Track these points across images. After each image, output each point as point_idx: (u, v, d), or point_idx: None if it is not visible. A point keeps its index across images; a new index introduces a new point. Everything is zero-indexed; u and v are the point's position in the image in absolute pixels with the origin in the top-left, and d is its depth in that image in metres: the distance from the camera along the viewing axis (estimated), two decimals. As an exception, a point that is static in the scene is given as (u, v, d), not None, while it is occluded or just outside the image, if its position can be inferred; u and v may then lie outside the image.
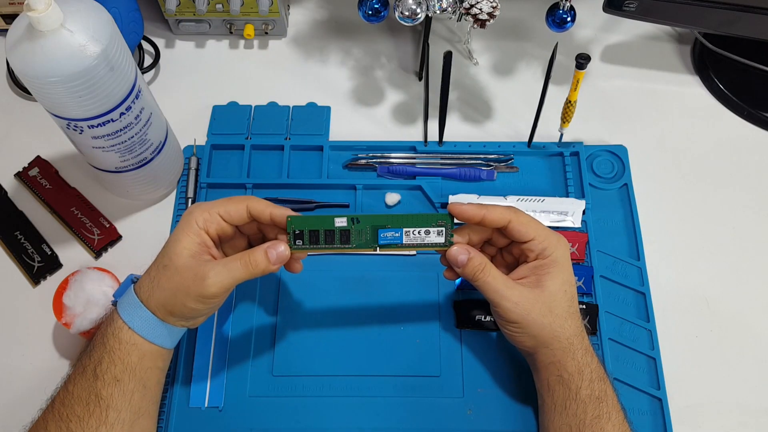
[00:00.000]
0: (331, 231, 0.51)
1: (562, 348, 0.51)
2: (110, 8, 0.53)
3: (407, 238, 0.51)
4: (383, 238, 0.51)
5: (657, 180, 0.68)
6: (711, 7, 0.65)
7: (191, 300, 0.48)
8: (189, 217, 0.50)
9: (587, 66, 0.57)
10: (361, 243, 0.51)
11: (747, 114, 0.72)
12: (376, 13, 0.62)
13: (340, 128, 0.72)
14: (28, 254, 0.65)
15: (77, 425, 0.47)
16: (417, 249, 0.51)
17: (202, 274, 0.48)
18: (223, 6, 0.73)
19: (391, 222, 0.51)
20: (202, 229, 0.50)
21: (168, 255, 0.49)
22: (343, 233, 0.51)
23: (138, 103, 0.56)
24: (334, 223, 0.50)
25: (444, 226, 0.51)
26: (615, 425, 0.49)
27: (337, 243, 0.51)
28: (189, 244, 0.49)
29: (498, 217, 0.51)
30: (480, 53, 0.77)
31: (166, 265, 0.49)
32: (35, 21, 0.47)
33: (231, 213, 0.51)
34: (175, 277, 0.48)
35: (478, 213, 0.51)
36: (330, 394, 0.58)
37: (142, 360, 0.49)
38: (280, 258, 0.50)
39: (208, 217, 0.50)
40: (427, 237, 0.51)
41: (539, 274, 0.51)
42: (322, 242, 0.51)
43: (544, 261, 0.51)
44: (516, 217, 0.52)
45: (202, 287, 0.48)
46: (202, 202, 0.53)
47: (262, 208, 0.51)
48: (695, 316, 0.62)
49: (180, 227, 0.50)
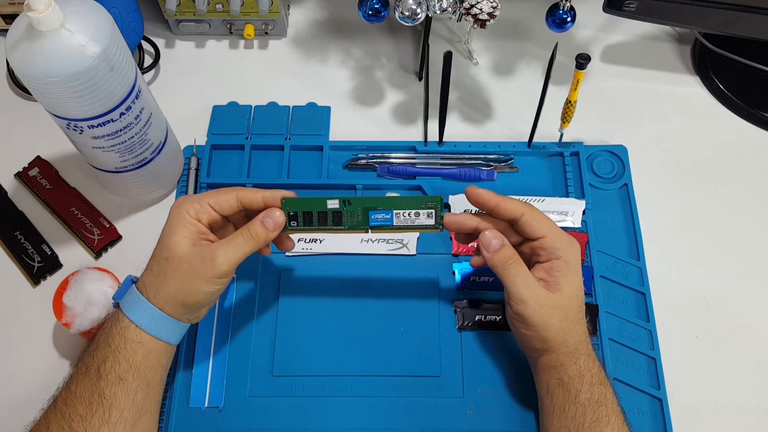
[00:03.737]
0: (323, 213, 0.52)
1: (567, 352, 0.51)
2: (110, 8, 0.53)
3: (398, 220, 0.52)
4: (374, 220, 0.52)
5: (657, 180, 0.68)
6: (711, 7, 0.65)
7: (203, 283, 0.49)
8: (179, 209, 0.51)
9: (587, 66, 0.57)
10: (353, 224, 0.52)
11: (747, 114, 0.72)
12: (376, 13, 0.62)
13: (340, 128, 0.72)
14: (28, 254, 0.65)
15: (79, 424, 0.47)
16: (407, 231, 0.53)
17: (211, 255, 0.49)
18: (223, 6, 0.73)
19: (381, 204, 0.52)
20: (194, 219, 0.50)
21: (167, 247, 0.50)
22: (336, 215, 0.52)
23: (138, 103, 0.56)
24: (326, 205, 0.52)
25: (434, 209, 0.52)
26: (614, 428, 0.49)
27: (330, 224, 0.52)
28: (186, 233, 0.50)
29: (512, 207, 0.52)
30: (480, 53, 0.77)
31: (167, 258, 0.49)
32: (35, 21, 0.47)
33: (221, 203, 0.51)
34: (182, 266, 0.49)
35: (493, 199, 0.52)
36: (330, 394, 0.58)
37: (146, 358, 0.50)
38: (277, 224, 0.51)
39: (199, 207, 0.51)
40: (417, 219, 0.52)
41: (555, 276, 0.51)
42: (316, 223, 0.52)
43: (558, 262, 0.51)
44: (530, 212, 0.52)
45: (213, 267, 0.49)
46: (190, 195, 0.54)
47: (252, 196, 0.52)
48: (695, 316, 0.62)
49: (173, 220, 0.50)
